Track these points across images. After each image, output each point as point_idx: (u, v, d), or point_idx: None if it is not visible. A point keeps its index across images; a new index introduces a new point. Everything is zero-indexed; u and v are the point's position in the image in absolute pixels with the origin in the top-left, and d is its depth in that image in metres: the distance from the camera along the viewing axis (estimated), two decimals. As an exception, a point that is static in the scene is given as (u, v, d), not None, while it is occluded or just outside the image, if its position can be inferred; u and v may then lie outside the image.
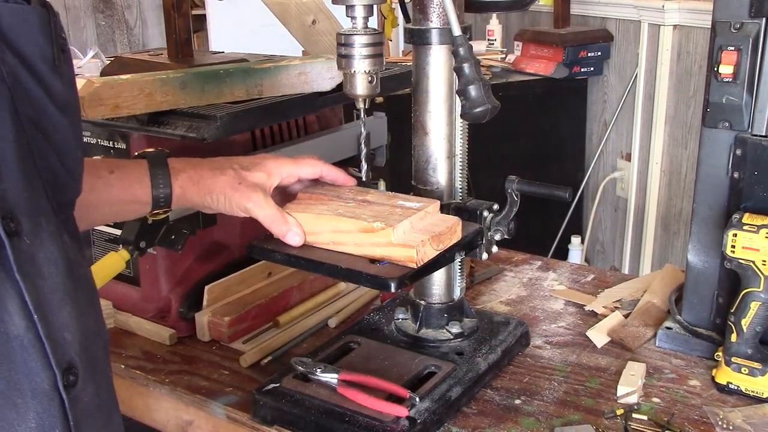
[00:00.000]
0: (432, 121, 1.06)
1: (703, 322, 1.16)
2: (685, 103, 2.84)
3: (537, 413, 1.02)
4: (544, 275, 1.44)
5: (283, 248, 0.93)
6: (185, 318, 1.23)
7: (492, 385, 1.08)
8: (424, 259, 0.88)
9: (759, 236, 0.98)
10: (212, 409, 1.08)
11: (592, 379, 1.10)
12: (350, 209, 0.94)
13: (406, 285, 0.88)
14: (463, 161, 1.10)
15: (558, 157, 3.23)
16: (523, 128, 3.01)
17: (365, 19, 0.97)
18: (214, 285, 1.23)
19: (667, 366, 1.13)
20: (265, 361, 1.16)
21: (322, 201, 0.97)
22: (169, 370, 1.15)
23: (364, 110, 1.03)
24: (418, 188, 1.09)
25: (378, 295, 1.35)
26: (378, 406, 0.95)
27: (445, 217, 0.96)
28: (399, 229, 0.89)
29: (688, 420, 1.00)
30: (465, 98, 0.90)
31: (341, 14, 1.06)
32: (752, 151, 1.05)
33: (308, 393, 0.99)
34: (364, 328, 1.17)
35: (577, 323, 1.26)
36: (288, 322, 1.26)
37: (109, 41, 3.68)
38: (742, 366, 1.03)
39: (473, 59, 0.90)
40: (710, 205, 1.12)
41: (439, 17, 1.02)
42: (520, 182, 1.05)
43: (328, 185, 1.01)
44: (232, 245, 1.29)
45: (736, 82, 1.04)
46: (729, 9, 1.04)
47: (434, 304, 1.13)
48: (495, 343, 1.12)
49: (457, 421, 1.01)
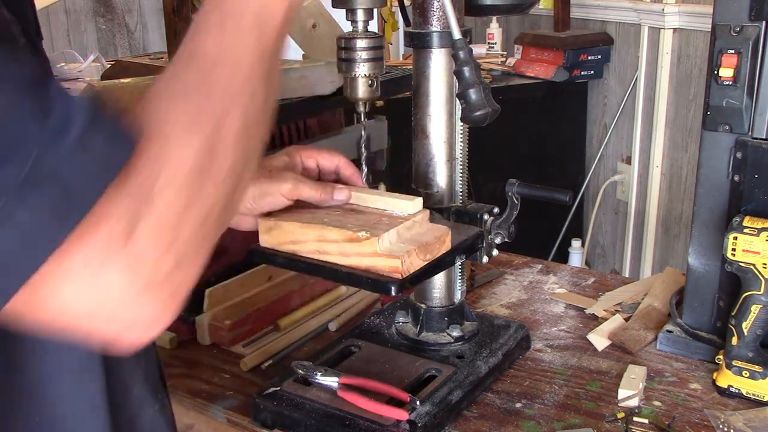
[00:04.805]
0: (432, 125, 1.06)
1: (703, 326, 1.16)
2: (685, 106, 2.84)
3: (538, 417, 1.02)
4: (545, 278, 1.44)
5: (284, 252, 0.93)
6: (186, 321, 1.23)
7: (493, 389, 1.08)
8: (410, 270, 0.86)
9: (759, 239, 0.98)
10: (213, 413, 1.08)
11: (593, 382, 1.10)
12: (336, 218, 0.92)
13: (406, 288, 0.88)
14: (463, 164, 1.10)
15: (558, 160, 3.23)
16: (523, 131, 3.01)
17: (365, 22, 0.98)
18: (214, 288, 1.23)
19: (668, 369, 1.12)
20: (266, 364, 1.16)
21: (309, 209, 0.94)
22: (170, 373, 1.15)
23: (365, 114, 1.03)
24: (419, 191, 1.09)
25: (378, 299, 1.35)
26: (378, 409, 0.95)
27: (435, 226, 0.94)
28: (385, 238, 0.86)
29: (689, 423, 0.99)
30: (465, 101, 0.90)
31: (341, 18, 1.06)
32: (753, 154, 1.05)
33: (309, 396, 0.99)
34: (364, 331, 1.17)
35: (577, 326, 1.26)
36: (288, 325, 1.26)
37: (109, 45, 3.69)
38: (743, 369, 1.03)
39: (473, 62, 0.90)
40: (711, 208, 1.12)
41: (439, 21, 1.02)
42: (521, 185, 1.05)
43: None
44: (232, 249, 1.29)
45: (736, 85, 1.04)
46: (729, 12, 1.04)
47: (435, 307, 1.13)
48: (495, 346, 1.12)
49: (457, 424, 1.01)
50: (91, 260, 0.47)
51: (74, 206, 0.46)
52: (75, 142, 0.46)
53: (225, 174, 0.55)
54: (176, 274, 0.52)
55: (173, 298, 0.53)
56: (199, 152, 0.53)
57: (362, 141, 1.05)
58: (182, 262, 0.53)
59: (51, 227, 0.45)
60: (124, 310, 0.50)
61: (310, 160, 0.98)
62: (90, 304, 0.49)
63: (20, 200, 0.44)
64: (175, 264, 0.52)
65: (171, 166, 0.51)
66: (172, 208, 0.51)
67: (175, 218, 0.51)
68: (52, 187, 0.45)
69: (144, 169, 0.50)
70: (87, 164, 0.47)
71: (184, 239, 0.52)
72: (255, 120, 0.59)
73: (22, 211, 0.44)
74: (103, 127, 0.48)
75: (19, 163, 0.44)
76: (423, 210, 0.94)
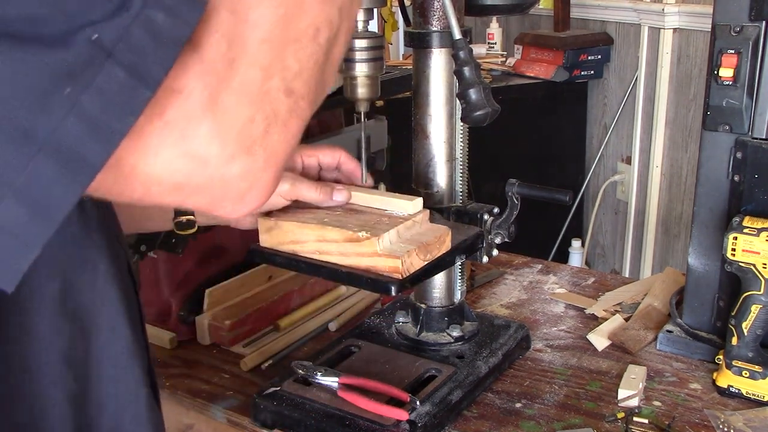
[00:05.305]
0: (432, 125, 1.06)
1: (703, 326, 1.16)
2: (685, 106, 2.84)
3: (538, 417, 1.02)
4: (545, 278, 1.44)
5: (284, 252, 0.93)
6: (186, 321, 1.23)
7: (492, 389, 1.08)
8: (410, 270, 0.86)
9: (759, 239, 0.98)
10: (213, 413, 1.08)
11: (593, 382, 1.10)
12: (336, 218, 0.91)
13: (406, 288, 0.88)
14: (463, 164, 1.10)
15: (558, 160, 3.23)
16: (523, 131, 3.01)
17: (365, 23, 0.98)
18: (214, 288, 1.23)
19: (668, 369, 1.12)
20: (266, 364, 1.16)
21: (309, 209, 0.94)
22: (170, 373, 1.15)
23: (365, 114, 1.03)
24: (419, 191, 1.09)
25: (378, 299, 1.35)
26: (378, 409, 0.95)
27: (435, 226, 0.94)
28: (385, 238, 0.86)
29: (689, 423, 0.99)
30: (465, 101, 0.90)
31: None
32: (752, 155, 1.05)
33: (309, 396, 0.99)
34: (364, 331, 1.17)
35: (577, 326, 1.26)
36: (288, 325, 1.26)
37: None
38: (743, 369, 1.03)
39: (473, 62, 0.90)
40: (711, 208, 1.12)
41: (439, 21, 1.02)
42: (521, 185, 1.05)
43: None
44: (232, 248, 1.29)
45: (736, 85, 1.04)
46: (729, 12, 1.04)
47: (435, 307, 1.13)
48: (495, 346, 1.12)
49: (457, 424, 1.01)
50: (175, 128, 0.46)
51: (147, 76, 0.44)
52: (135, 15, 0.43)
53: (312, 30, 0.52)
54: (269, 138, 0.50)
55: (268, 165, 0.50)
56: (278, 12, 0.50)
57: (362, 141, 1.04)
58: (273, 124, 0.50)
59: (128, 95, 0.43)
60: (216, 179, 0.49)
61: (310, 158, 0.98)
62: (179, 173, 0.47)
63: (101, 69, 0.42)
64: (266, 127, 0.49)
65: (249, 26, 0.49)
66: (255, 68, 0.49)
67: (260, 78, 0.49)
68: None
69: (222, 32, 0.48)
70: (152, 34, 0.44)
71: (273, 99, 0.50)
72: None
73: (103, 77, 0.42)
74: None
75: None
76: (423, 210, 0.94)
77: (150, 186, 0.48)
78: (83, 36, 0.42)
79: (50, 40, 0.42)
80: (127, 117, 0.44)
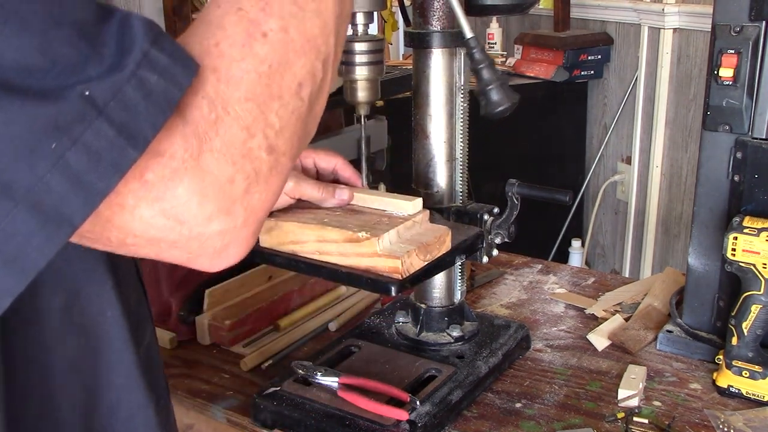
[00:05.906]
0: (432, 125, 1.06)
1: (703, 326, 1.16)
2: (685, 106, 2.84)
3: (538, 417, 1.02)
4: (545, 278, 1.44)
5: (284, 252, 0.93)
6: (186, 321, 1.23)
7: (492, 389, 1.08)
8: (410, 270, 0.86)
9: (759, 239, 0.98)
10: (213, 413, 1.08)
11: (593, 382, 1.10)
12: (336, 218, 0.92)
13: (406, 288, 0.88)
14: (463, 164, 1.10)
15: (558, 160, 3.23)
16: (523, 131, 3.01)
17: (365, 26, 0.98)
18: (214, 288, 1.23)
19: (668, 369, 1.12)
20: (266, 364, 1.16)
21: (309, 209, 0.95)
22: (170, 373, 1.15)
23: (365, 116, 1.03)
24: (419, 191, 1.09)
25: (378, 299, 1.35)
26: (378, 409, 0.95)
27: (435, 226, 0.94)
28: (385, 239, 0.86)
29: (689, 423, 0.99)
30: (486, 100, 0.89)
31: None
32: (752, 155, 1.05)
33: (309, 396, 0.99)
34: (364, 331, 1.17)
35: (577, 326, 1.26)
36: (288, 325, 1.26)
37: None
38: (743, 369, 1.03)
39: (489, 60, 0.90)
40: (711, 208, 1.12)
41: (439, 21, 1.02)
42: (521, 185, 1.05)
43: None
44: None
45: (736, 85, 1.04)
46: (729, 12, 1.04)
47: (435, 307, 1.13)
48: (495, 346, 1.12)
49: (457, 424, 1.01)
50: (153, 188, 0.46)
51: (138, 133, 0.44)
52: (129, 76, 0.44)
53: (294, 85, 0.52)
54: (249, 197, 0.50)
55: (247, 223, 0.51)
56: (259, 70, 0.50)
57: (362, 141, 1.05)
58: (254, 183, 0.50)
59: (117, 149, 0.44)
60: (194, 237, 0.49)
61: (307, 159, 0.98)
62: (155, 230, 0.48)
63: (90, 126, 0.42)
64: (247, 187, 0.50)
65: (232, 85, 0.49)
66: (237, 128, 0.49)
67: (242, 138, 0.49)
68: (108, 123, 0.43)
69: (204, 92, 0.48)
70: (147, 91, 0.45)
71: (254, 158, 0.50)
72: (321, 29, 0.54)
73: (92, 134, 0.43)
74: (159, 58, 0.46)
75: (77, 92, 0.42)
76: (423, 210, 0.94)
77: (125, 238, 0.48)
78: (76, 91, 0.42)
79: (42, 92, 0.41)
80: (112, 176, 0.44)
